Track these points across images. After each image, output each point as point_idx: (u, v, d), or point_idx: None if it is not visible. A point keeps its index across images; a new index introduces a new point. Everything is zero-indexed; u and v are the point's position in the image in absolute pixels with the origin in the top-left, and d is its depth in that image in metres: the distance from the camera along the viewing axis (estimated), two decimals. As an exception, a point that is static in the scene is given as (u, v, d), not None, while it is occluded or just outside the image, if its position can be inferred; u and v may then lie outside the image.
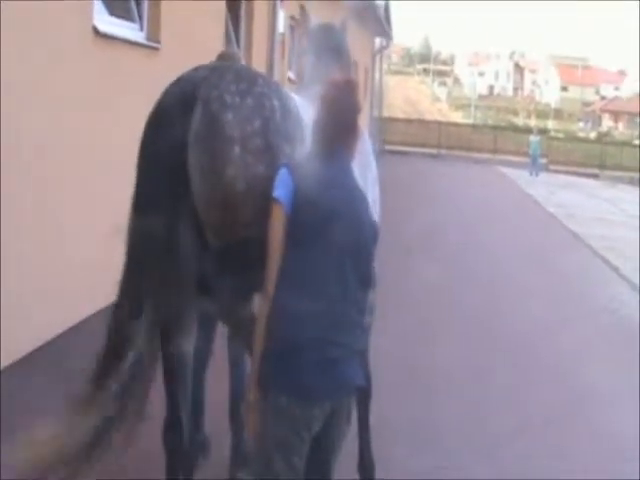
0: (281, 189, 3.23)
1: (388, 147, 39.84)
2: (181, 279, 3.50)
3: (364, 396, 4.33)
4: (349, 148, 3.45)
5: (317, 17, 5.00)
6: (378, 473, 4.63)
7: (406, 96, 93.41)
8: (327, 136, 3.38)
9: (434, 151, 43.31)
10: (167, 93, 3.55)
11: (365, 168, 4.14)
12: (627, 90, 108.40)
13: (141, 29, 8.54)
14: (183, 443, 3.78)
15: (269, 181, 3.30)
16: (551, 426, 6.27)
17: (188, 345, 3.81)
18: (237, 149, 3.36)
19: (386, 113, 49.47)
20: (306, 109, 3.85)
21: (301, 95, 4.25)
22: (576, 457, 5.79)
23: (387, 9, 31.46)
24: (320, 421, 3.21)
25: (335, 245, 3.21)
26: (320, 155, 3.38)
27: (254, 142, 3.39)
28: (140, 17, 8.54)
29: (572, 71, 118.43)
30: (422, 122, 52.80)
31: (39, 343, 6.35)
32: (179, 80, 3.59)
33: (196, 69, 3.64)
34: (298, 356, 3.14)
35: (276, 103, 3.53)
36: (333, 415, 3.24)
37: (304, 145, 3.60)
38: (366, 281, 3.38)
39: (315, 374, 3.13)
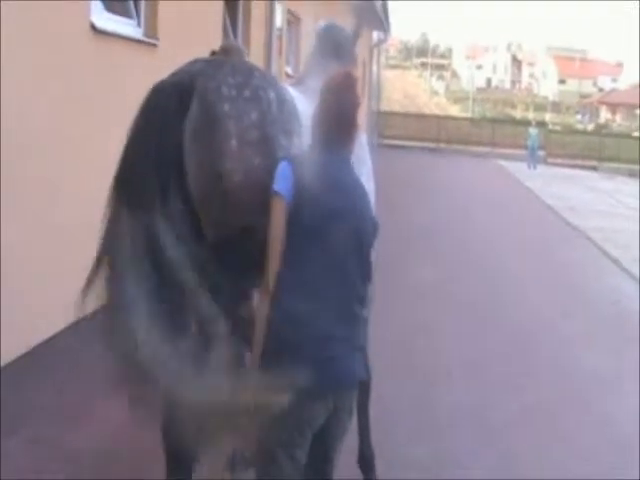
0: (281, 183, 3.23)
1: (386, 141, 39.81)
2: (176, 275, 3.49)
3: (364, 389, 4.34)
4: (349, 142, 3.45)
5: (326, 18, 5.03)
6: (378, 466, 4.65)
7: (404, 90, 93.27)
8: (327, 129, 3.39)
9: (432, 145, 43.25)
10: (163, 83, 3.52)
11: (359, 161, 4.14)
12: (625, 82, 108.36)
13: (139, 25, 8.53)
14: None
15: (266, 173, 3.30)
16: (552, 415, 6.31)
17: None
18: (234, 141, 3.35)
19: (384, 107, 49.44)
20: (303, 102, 3.86)
21: (298, 89, 4.26)
22: (575, 444, 5.81)
23: (385, 3, 31.42)
24: (323, 416, 3.22)
25: (336, 239, 3.21)
26: (320, 148, 3.39)
27: (251, 134, 3.39)
28: (138, 13, 8.54)
29: (570, 63, 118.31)
30: (420, 116, 52.75)
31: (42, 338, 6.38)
32: (176, 72, 3.57)
33: (193, 62, 3.63)
34: (300, 352, 3.13)
35: (272, 95, 3.53)
36: (335, 410, 3.24)
37: (301, 138, 3.61)
38: (367, 275, 3.39)
39: (318, 370, 3.09)
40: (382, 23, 31.03)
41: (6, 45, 5.72)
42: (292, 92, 3.95)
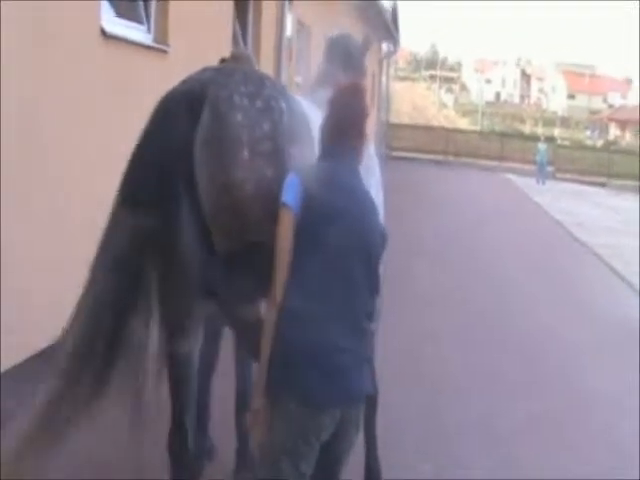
0: (290, 194, 3.20)
1: (394, 153, 39.77)
2: (184, 281, 3.46)
3: (371, 403, 4.30)
4: (357, 152, 3.43)
5: (336, 28, 5.02)
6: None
7: (413, 102, 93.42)
8: (335, 140, 3.37)
9: (440, 157, 43.23)
10: (173, 91, 3.49)
11: (368, 172, 4.10)
12: (634, 99, 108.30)
13: (149, 31, 8.50)
14: (188, 447, 3.76)
15: (277, 185, 3.26)
16: (558, 429, 6.28)
17: (193, 348, 3.77)
18: (246, 152, 3.31)
19: (393, 119, 49.44)
20: (313, 113, 3.82)
21: (308, 99, 4.23)
22: (579, 455, 5.84)
23: (394, 14, 31.43)
24: (330, 429, 3.17)
25: (344, 251, 3.18)
26: (328, 159, 3.36)
27: (263, 145, 3.35)
28: (148, 19, 8.51)
29: (579, 79, 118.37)
30: (429, 128, 52.76)
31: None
32: (186, 80, 3.54)
33: (203, 70, 3.60)
34: (308, 363, 3.10)
35: (284, 106, 3.50)
36: (342, 423, 3.20)
37: (312, 149, 3.57)
38: (375, 287, 3.35)
39: (325, 381, 3.09)
40: (392, 34, 31.02)
41: (14, 49, 5.69)
42: (302, 102, 3.91)
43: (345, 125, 3.37)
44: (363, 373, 3.26)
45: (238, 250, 3.39)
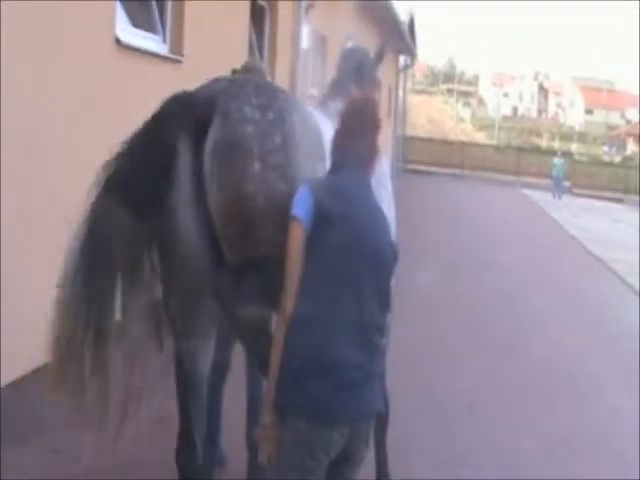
0: (301, 207, 3.14)
1: (411, 166, 39.76)
2: (189, 289, 3.41)
3: (381, 420, 4.24)
4: (368, 166, 3.38)
5: (352, 40, 5.01)
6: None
7: (430, 116, 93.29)
8: (346, 153, 3.33)
9: (457, 171, 43.20)
10: (182, 94, 3.45)
11: (380, 186, 4.06)
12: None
13: (164, 41, 8.49)
14: (196, 459, 3.70)
15: (289, 198, 3.21)
16: (574, 454, 6.17)
17: (204, 363, 3.71)
18: (257, 164, 3.26)
19: (409, 132, 49.44)
20: (326, 125, 3.77)
21: (321, 111, 4.18)
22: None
23: (412, 26, 31.42)
24: (339, 446, 3.10)
25: (355, 265, 3.13)
26: (340, 172, 3.31)
27: (275, 158, 3.30)
28: (163, 29, 8.50)
29: (597, 94, 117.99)
30: (445, 142, 52.69)
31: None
32: (197, 89, 3.50)
33: (216, 80, 3.56)
34: (317, 378, 3.03)
35: (296, 118, 3.46)
36: (352, 439, 3.12)
37: (324, 162, 3.51)
38: (386, 302, 3.28)
39: (335, 397, 3.03)
40: (409, 47, 31.00)
41: (29, 58, 5.68)
42: (315, 114, 3.86)
43: (356, 137, 3.32)
44: (374, 389, 3.19)
45: (248, 262, 3.33)
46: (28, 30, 5.83)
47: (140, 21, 8.00)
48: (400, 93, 37.46)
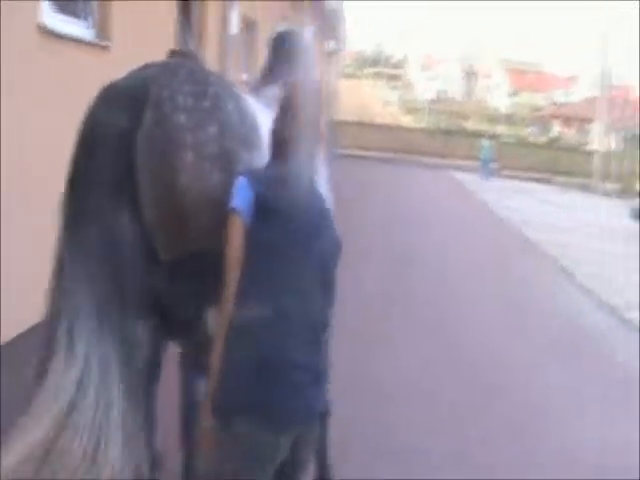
0: (239, 198, 2.98)
1: (340, 151, 39.69)
2: (121, 290, 3.25)
3: (324, 416, 4.14)
4: (311, 154, 3.25)
5: (283, 23, 4.88)
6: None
7: (358, 99, 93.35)
8: (287, 141, 3.17)
9: (386, 155, 43.28)
10: (114, 86, 3.26)
11: (316, 173, 3.95)
12: (578, 96, 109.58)
13: (90, 27, 8.26)
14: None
15: (225, 190, 3.05)
16: (517, 437, 6.17)
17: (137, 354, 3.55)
18: (190, 155, 3.10)
19: (339, 117, 49.36)
20: (262, 112, 3.63)
21: (255, 97, 4.04)
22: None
23: (340, 12, 31.36)
24: (285, 450, 2.95)
25: (298, 258, 3.00)
26: (281, 162, 3.16)
27: (209, 148, 3.14)
28: (89, 15, 8.27)
29: (523, 76, 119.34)
30: (374, 126, 52.66)
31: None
32: (128, 76, 3.31)
33: (146, 66, 3.38)
34: (265, 381, 2.86)
35: (232, 106, 3.29)
36: (298, 442, 2.98)
37: (262, 151, 3.38)
38: (331, 296, 3.17)
39: (284, 399, 2.87)
40: (337, 33, 30.94)
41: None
42: (250, 101, 3.72)
43: (298, 125, 3.17)
44: (320, 389, 3.06)
45: (184, 258, 3.19)
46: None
47: (65, 7, 7.75)
48: (329, 78, 37.43)
